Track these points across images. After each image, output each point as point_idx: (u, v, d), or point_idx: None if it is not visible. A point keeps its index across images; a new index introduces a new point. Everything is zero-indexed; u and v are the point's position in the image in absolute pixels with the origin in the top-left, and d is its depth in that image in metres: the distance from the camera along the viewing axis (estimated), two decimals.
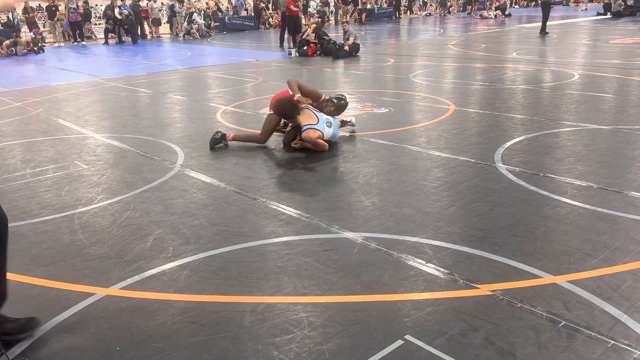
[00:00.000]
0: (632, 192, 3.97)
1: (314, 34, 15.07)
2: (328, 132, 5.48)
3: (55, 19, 22.54)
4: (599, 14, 25.85)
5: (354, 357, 2.29)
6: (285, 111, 5.45)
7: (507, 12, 29.85)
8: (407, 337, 2.41)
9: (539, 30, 17.41)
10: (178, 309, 2.74)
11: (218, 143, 5.72)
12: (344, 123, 6.10)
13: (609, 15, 24.87)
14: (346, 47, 13.81)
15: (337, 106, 5.85)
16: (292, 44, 15.67)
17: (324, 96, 5.98)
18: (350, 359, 2.28)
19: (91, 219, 3.95)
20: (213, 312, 2.69)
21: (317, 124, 5.37)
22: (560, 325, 2.44)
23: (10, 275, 3.10)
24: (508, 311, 2.57)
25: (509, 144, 5.37)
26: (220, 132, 5.79)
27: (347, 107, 6.09)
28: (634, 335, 2.35)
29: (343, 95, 5.98)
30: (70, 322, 2.66)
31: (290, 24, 15.31)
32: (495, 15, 28.84)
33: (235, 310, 2.69)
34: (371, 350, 2.33)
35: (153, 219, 3.91)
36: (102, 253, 3.39)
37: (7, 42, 18.62)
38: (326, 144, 5.42)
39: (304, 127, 5.38)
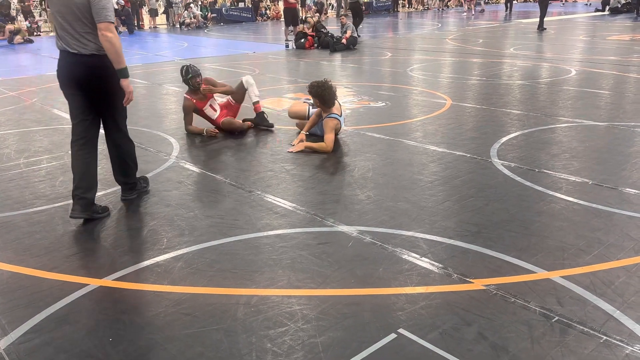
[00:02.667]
0: (627, 189, 3.98)
1: (311, 28, 15.00)
2: (343, 126, 5.51)
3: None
4: (597, 10, 25.85)
5: (347, 350, 2.30)
6: (324, 94, 5.28)
7: (481, 9, 29.29)
8: (401, 330, 2.41)
9: (536, 26, 17.39)
10: (172, 300, 2.73)
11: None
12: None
13: (606, 12, 24.87)
14: (343, 41, 13.77)
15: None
16: (289, 36, 15.61)
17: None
18: (344, 352, 2.28)
19: None
20: (207, 304, 2.68)
21: (340, 116, 5.39)
22: (553, 321, 2.45)
23: (3, 266, 3.12)
24: (501, 306, 2.58)
25: (504, 139, 5.37)
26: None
27: (342, 101, 6.01)
28: (627, 331, 2.36)
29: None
30: (63, 313, 2.65)
31: (287, 16, 15.25)
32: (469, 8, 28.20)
33: (229, 302, 2.69)
34: (364, 344, 2.33)
35: (147, 211, 3.90)
36: (95, 244, 3.38)
37: (11, 26, 18.47)
38: (332, 144, 5.16)
39: (330, 115, 5.28)
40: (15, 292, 2.86)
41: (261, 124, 5.93)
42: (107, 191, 4.29)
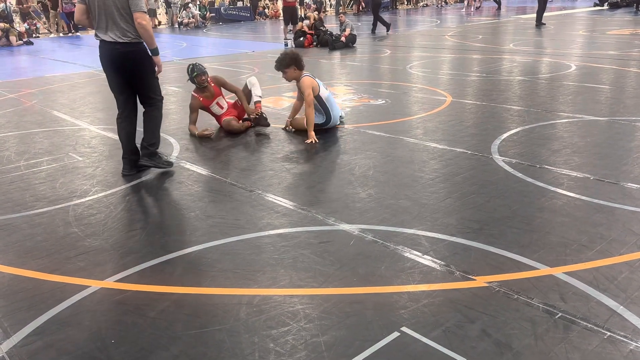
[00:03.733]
0: (629, 184, 3.97)
1: (311, 25, 14.98)
2: (325, 93, 5.69)
3: (59, 9, 22.29)
4: (595, 5, 25.79)
5: (350, 349, 2.29)
6: (296, 57, 5.64)
7: (478, 5, 29.10)
8: (403, 329, 2.41)
9: (536, 23, 17.35)
10: (173, 301, 2.73)
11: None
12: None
13: (605, 7, 24.81)
14: (342, 39, 13.75)
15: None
16: (288, 35, 15.59)
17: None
18: (347, 351, 2.28)
19: (86, 211, 3.92)
20: (209, 304, 2.68)
21: (316, 79, 5.65)
22: (556, 317, 2.44)
23: (4, 268, 3.11)
24: (504, 303, 2.57)
25: (505, 135, 5.36)
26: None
27: (342, 99, 6.01)
28: (630, 327, 2.35)
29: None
30: (65, 315, 2.64)
31: (286, 14, 15.22)
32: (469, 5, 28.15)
33: (231, 302, 2.68)
34: (367, 342, 2.33)
35: (148, 211, 3.89)
36: (97, 245, 3.37)
37: (2, 24, 18.44)
38: (311, 98, 5.47)
39: (303, 75, 5.64)
40: (16, 294, 2.86)
41: (259, 124, 5.93)
42: (107, 192, 4.28)
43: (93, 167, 4.90)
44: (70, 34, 22.13)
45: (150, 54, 4.50)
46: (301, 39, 14.56)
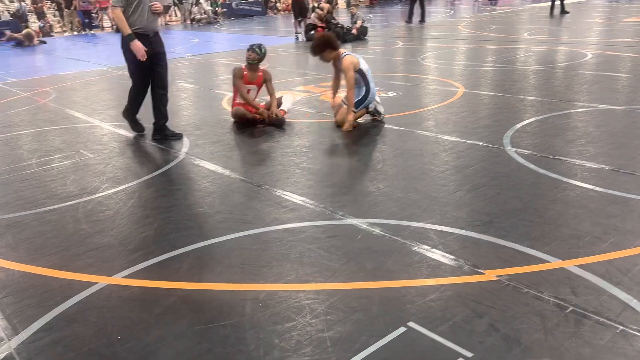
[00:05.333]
0: None
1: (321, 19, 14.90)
2: (365, 66, 5.70)
3: (73, 7, 22.48)
4: None
5: (355, 345, 2.26)
6: (329, 39, 5.68)
7: None
8: (410, 324, 2.37)
9: (550, 11, 17.04)
10: (180, 297, 2.72)
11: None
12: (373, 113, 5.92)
13: None
14: (354, 31, 13.66)
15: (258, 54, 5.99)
16: (298, 29, 15.53)
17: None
18: (352, 347, 2.25)
19: (96, 207, 3.94)
20: (215, 300, 2.67)
21: (355, 54, 5.68)
22: (567, 311, 2.38)
23: (14, 265, 3.14)
24: (514, 297, 2.52)
25: (518, 126, 5.27)
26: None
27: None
28: None
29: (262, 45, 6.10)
30: (73, 312, 2.65)
31: (295, 8, 15.16)
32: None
33: (237, 298, 2.67)
34: (373, 338, 2.30)
35: (157, 207, 3.90)
36: (105, 242, 3.38)
37: (11, 34, 18.63)
38: (353, 80, 5.51)
39: (344, 55, 5.61)
40: (26, 291, 2.87)
41: (273, 123, 5.89)
42: (117, 189, 4.29)
43: (103, 164, 4.92)
44: (84, 32, 22.30)
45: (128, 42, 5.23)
46: (312, 32, 14.48)
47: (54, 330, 2.53)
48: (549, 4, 17.25)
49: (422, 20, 17.25)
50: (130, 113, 5.83)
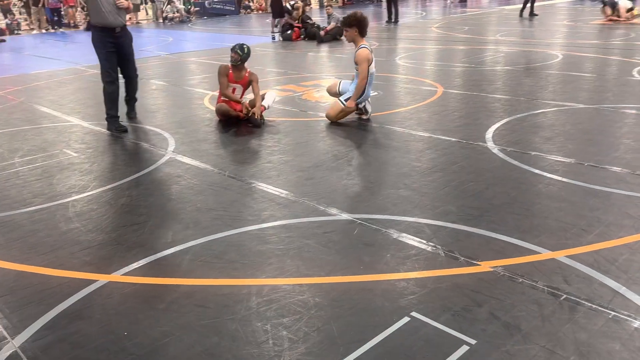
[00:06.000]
0: (622, 169, 4.05)
1: (297, 19, 14.94)
2: (373, 69, 5.83)
3: (40, 5, 21.92)
4: None
5: (362, 335, 2.33)
6: (363, 22, 5.82)
7: None
8: (413, 313, 2.45)
9: (520, 13, 17.44)
10: (183, 293, 2.74)
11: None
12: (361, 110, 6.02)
13: None
14: (322, 32, 13.75)
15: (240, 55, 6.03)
16: (275, 29, 15.53)
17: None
18: (360, 337, 2.32)
19: (86, 206, 3.91)
20: (219, 294, 2.70)
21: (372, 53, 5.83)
22: (561, 299, 2.50)
23: (8, 264, 3.11)
24: (510, 286, 2.63)
25: (498, 124, 5.42)
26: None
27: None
28: (633, 306, 2.42)
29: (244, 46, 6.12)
30: (75, 309, 2.65)
31: (275, 8, 15.15)
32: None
33: (240, 292, 2.71)
34: (379, 328, 2.37)
35: (149, 205, 3.89)
36: (100, 240, 3.37)
37: None
38: (366, 73, 5.73)
39: (362, 46, 5.76)
40: (24, 290, 2.85)
41: (252, 121, 5.91)
42: (106, 188, 4.27)
43: (89, 163, 4.87)
44: (53, 30, 21.81)
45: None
46: (289, 32, 14.53)
47: (58, 328, 2.52)
48: (520, 6, 17.64)
49: (396, 20, 17.50)
50: (111, 117, 6.02)
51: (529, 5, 17.07)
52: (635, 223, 3.19)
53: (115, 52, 5.92)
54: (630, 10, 13.98)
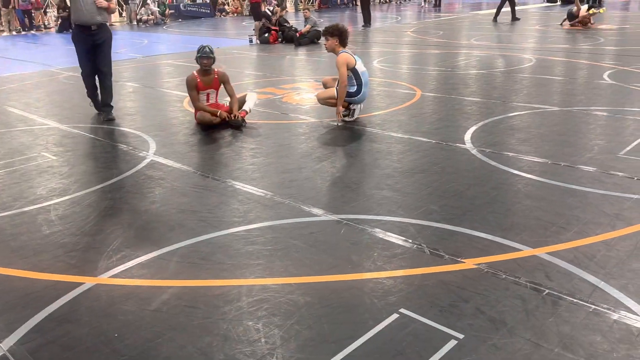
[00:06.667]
0: (597, 169, 4.18)
1: (275, 21, 14.96)
2: (361, 67, 5.91)
3: (11, 6, 21.42)
4: (549, 0, 26.61)
5: (353, 331, 2.37)
6: (343, 33, 5.89)
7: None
8: (402, 310, 2.50)
9: (494, 18, 17.76)
10: (172, 294, 2.74)
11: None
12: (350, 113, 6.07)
13: (558, 2, 25.66)
14: (298, 34, 13.83)
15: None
16: (252, 31, 15.51)
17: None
18: (351, 333, 2.36)
19: (68, 209, 3.87)
20: (209, 295, 2.71)
21: (354, 55, 5.90)
22: (544, 294, 2.58)
23: None
24: (494, 282, 2.70)
25: (476, 126, 5.54)
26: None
27: (313, 94, 6.10)
28: (612, 300, 2.51)
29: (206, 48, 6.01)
30: (63, 312, 2.63)
31: (255, 11, 15.15)
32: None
33: (230, 292, 2.72)
34: (369, 324, 2.41)
35: (133, 208, 3.87)
36: (85, 243, 3.35)
37: None
38: (345, 77, 5.73)
39: (341, 52, 5.84)
40: (9, 294, 2.82)
41: (233, 125, 5.91)
42: (87, 190, 4.23)
43: (69, 166, 4.82)
44: (24, 32, 21.39)
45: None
46: (266, 35, 14.54)
47: (46, 331, 2.50)
48: (494, 10, 17.97)
49: (368, 24, 17.82)
50: (90, 94, 6.75)
51: (506, 9, 17.35)
52: (611, 220, 3.30)
53: (91, 48, 6.30)
54: (590, 9, 14.46)
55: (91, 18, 6.16)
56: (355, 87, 5.90)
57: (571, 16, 14.75)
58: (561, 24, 15.17)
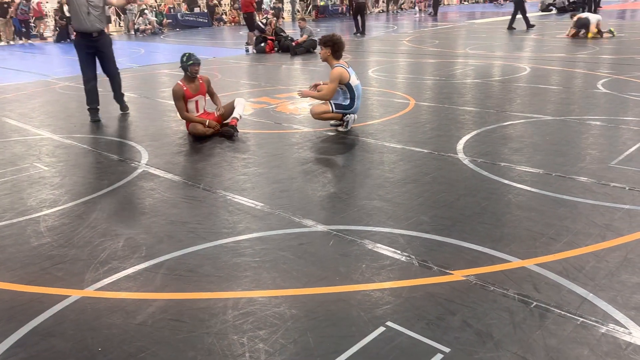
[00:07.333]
0: (589, 179, 4.18)
1: (271, 31, 15.01)
2: (355, 82, 5.98)
3: (8, 16, 21.46)
4: (543, 10, 26.74)
5: (339, 346, 2.35)
6: (338, 44, 5.95)
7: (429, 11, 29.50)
8: (389, 323, 2.48)
9: (508, 26, 17.79)
10: (158, 307, 2.72)
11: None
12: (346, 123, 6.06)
13: (553, 11, 25.80)
14: (294, 43, 13.88)
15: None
16: (249, 40, 15.55)
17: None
18: (336, 347, 2.34)
19: (57, 221, 3.86)
20: (194, 308, 2.69)
21: (349, 69, 5.96)
22: (532, 306, 2.57)
23: None
24: (482, 295, 2.68)
25: (468, 136, 5.54)
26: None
27: (308, 103, 6.11)
28: (600, 312, 2.50)
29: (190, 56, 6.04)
30: (47, 325, 2.61)
31: (250, 21, 15.20)
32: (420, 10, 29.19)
33: (216, 306, 2.70)
34: (355, 338, 2.39)
35: (122, 219, 3.86)
36: (72, 255, 3.32)
37: None
38: (332, 93, 5.86)
39: (336, 65, 5.92)
40: None
41: (225, 134, 5.91)
42: (77, 202, 4.21)
43: (60, 177, 4.80)
44: (21, 42, 21.44)
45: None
46: (262, 44, 14.58)
47: (30, 345, 2.48)
48: (496, 19, 18.05)
49: (362, 32, 18.03)
50: (90, 109, 7.00)
51: (519, 16, 17.41)
52: (601, 231, 3.29)
53: (93, 54, 6.78)
54: (610, 32, 14.14)
55: (91, 25, 6.60)
56: (349, 100, 5.93)
57: (581, 25, 14.32)
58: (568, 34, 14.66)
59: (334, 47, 5.93)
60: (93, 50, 6.75)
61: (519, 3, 17.12)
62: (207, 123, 5.88)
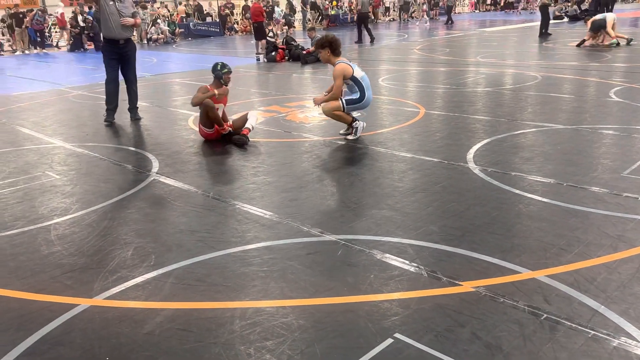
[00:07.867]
0: (601, 189, 4.13)
1: (282, 40, 15.09)
2: (360, 73, 6.02)
3: (24, 26, 21.79)
4: (555, 18, 26.63)
5: (346, 357, 2.33)
6: (333, 42, 6.00)
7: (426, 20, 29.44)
8: (397, 335, 2.46)
9: (539, 32, 17.80)
10: (165, 317, 2.72)
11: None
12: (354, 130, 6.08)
13: (565, 19, 25.68)
14: (305, 52, 13.94)
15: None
16: (259, 50, 15.66)
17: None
18: (344, 359, 2.32)
19: (68, 229, 3.88)
20: (202, 318, 2.69)
21: (350, 63, 6.04)
22: (542, 318, 2.53)
23: None
24: (491, 306, 2.66)
25: (479, 145, 5.51)
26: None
27: (319, 111, 6.13)
28: (612, 325, 2.46)
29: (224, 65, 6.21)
30: (56, 334, 2.62)
31: (259, 30, 15.32)
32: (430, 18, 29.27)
33: (224, 315, 2.70)
34: (362, 349, 2.38)
35: (132, 228, 3.87)
36: (82, 263, 3.34)
37: None
38: (339, 90, 5.92)
39: (338, 62, 5.96)
40: (3, 315, 2.81)
41: (236, 142, 5.95)
42: (88, 210, 4.24)
43: (72, 185, 4.84)
44: (36, 51, 21.74)
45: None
46: (273, 53, 14.66)
47: (38, 354, 2.49)
48: (502, 27, 18.04)
49: (372, 41, 18.28)
50: (107, 109, 7.50)
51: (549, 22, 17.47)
52: (613, 242, 3.25)
53: (118, 59, 7.33)
54: (629, 41, 13.96)
55: (119, 34, 7.20)
56: (358, 93, 6.00)
57: (598, 27, 14.04)
58: (581, 44, 14.39)
59: (332, 45, 6.01)
60: (118, 56, 7.30)
61: (544, 11, 17.18)
62: (216, 95, 6.02)
